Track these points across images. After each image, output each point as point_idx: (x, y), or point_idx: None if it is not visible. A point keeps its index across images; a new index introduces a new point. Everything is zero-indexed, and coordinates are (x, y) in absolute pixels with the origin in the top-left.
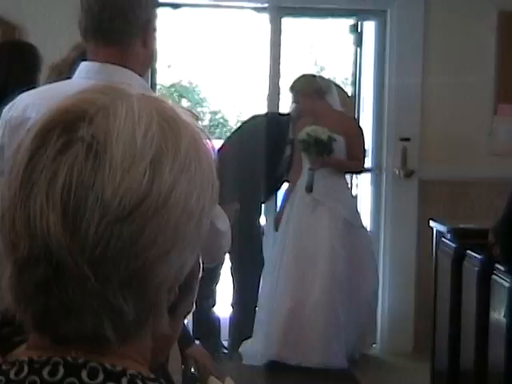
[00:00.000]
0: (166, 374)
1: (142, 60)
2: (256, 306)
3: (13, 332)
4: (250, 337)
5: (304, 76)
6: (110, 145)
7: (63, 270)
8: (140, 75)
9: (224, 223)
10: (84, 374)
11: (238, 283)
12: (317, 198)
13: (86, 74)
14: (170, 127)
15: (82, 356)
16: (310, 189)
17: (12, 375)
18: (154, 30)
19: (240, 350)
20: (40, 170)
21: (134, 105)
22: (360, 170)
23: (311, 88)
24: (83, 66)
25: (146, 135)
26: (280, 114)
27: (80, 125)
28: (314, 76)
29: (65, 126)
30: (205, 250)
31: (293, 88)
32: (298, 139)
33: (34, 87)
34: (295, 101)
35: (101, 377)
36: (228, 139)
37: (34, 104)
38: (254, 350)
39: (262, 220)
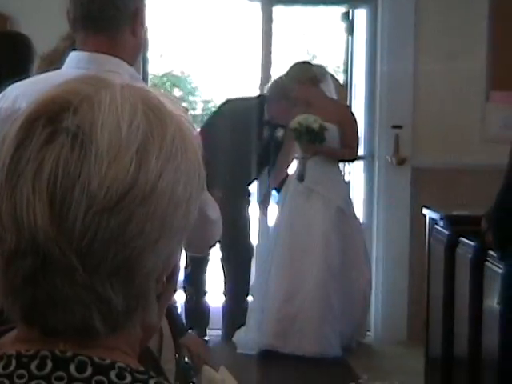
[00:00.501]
0: (158, 366)
1: (132, 49)
2: (247, 295)
3: None
4: (242, 325)
5: (299, 63)
6: (95, 135)
7: (51, 261)
8: (130, 64)
9: (214, 211)
10: (72, 368)
11: (229, 272)
12: (310, 187)
13: (76, 64)
14: (155, 116)
15: (70, 349)
16: (301, 177)
17: (0, 369)
18: (143, 18)
19: (233, 339)
20: (26, 161)
21: (117, 94)
22: (353, 158)
23: (306, 76)
24: (73, 55)
25: (131, 124)
26: (254, 97)
27: (65, 115)
28: (309, 64)
29: (50, 117)
30: (196, 239)
31: (287, 75)
32: (290, 128)
33: (28, 77)
34: (287, 87)
35: (89, 370)
36: (204, 125)
37: (23, 95)
38: (248, 339)
39: (255, 208)
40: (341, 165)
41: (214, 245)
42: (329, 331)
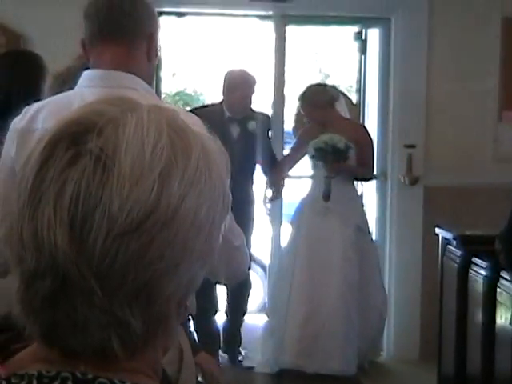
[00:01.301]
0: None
1: (146, 72)
2: (245, 314)
3: (11, 339)
4: (238, 344)
5: (314, 86)
6: (119, 157)
7: (70, 283)
8: (144, 80)
9: (238, 238)
10: None
11: (228, 290)
12: (327, 206)
13: (89, 82)
14: (179, 138)
15: (91, 371)
16: (327, 197)
17: None
18: (157, 45)
19: (245, 358)
20: (48, 182)
21: (144, 116)
22: (370, 177)
23: (322, 98)
24: (86, 74)
25: (155, 148)
26: (217, 103)
27: (89, 137)
28: (324, 86)
29: (73, 138)
30: (221, 267)
31: (303, 98)
32: (314, 147)
33: (38, 97)
34: (304, 110)
35: None
36: None
37: (40, 114)
38: (265, 359)
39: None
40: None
41: (245, 272)
42: (350, 349)
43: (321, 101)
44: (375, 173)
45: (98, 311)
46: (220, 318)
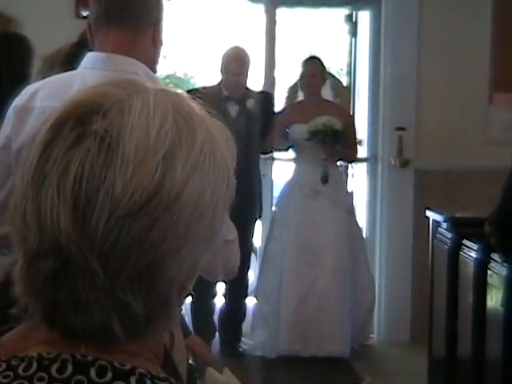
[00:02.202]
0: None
1: (151, 57)
2: (246, 296)
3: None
4: (239, 328)
5: (316, 58)
6: (123, 139)
7: (72, 263)
8: (148, 66)
9: (231, 232)
10: (93, 372)
11: None
12: (317, 189)
13: (92, 64)
14: (185, 122)
15: (91, 353)
16: (325, 180)
17: (21, 371)
18: (162, 31)
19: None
20: (52, 163)
21: (150, 99)
22: (354, 158)
23: (324, 72)
24: (89, 56)
25: (159, 130)
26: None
27: (94, 118)
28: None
29: (78, 119)
30: (220, 263)
31: (315, 59)
32: (311, 130)
33: (26, 80)
34: (313, 70)
35: (109, 375)
36: None
37: (39, 93)
38: (258, 343)
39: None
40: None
41: (237, 268)
42: (344, 331)
43: (323, 72)
44: (365, 155)
45: (100, 292)
46: (218, 302)
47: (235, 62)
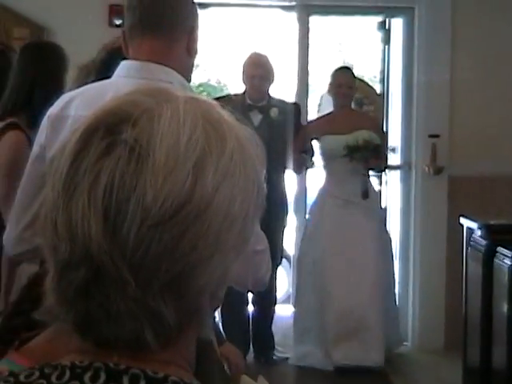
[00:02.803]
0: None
1: (186, 66)
2: (275, 303)
3: (23, 324)
4: (270, 335)
5: (347, 68)
6: (153, 148)
7: (103, 273)
8: (182, 75)
9: (262, 242)
10: (126, 380)
11: None
12: (349, 199)
13: (126, 73)
14: (214, 130)
15: (124, 361)
16: (366, 195)
17: (54, 379)
18: (197, 39)
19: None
20: (83, 172)
21: (179, 108)
22: (384, 168)
23: (354, 81)
24: (123, 64)
25: (190, 139)
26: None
27: (124, 127)
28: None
29: (108, 128)
30: (250, 273)
31: (348, 69)
32: (351, 145)
33: (61, 89)
34: (347, 79)
35: (142, 383)
36: None
37: (74, 102)
38: (300, 352)
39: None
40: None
41: (267, 279)
42: (384, 341)
43: (354, 83)
44: (399, 163)
45: (132, 301)
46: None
47: (254, 66)
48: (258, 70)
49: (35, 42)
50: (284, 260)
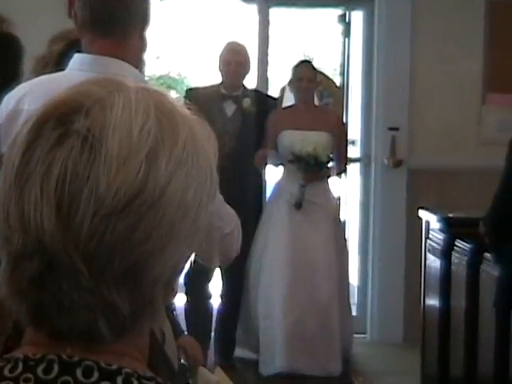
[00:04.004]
0: (166, 358)
1: (139, 51)
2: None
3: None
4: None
5: (308, 61)
6: (106, 138)
7: (57, 264)
8: (136, 66)
9: (230, 224)
10: (79, 373)
11: (226, 273)
12: (306, 198)
13: (79, 66)
14: (167, 120)
15: (77, 353)
16: (299, 206)
17: (6, 372)
18: (150, 21)
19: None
20: (35, 163)
21: (131, 98)
22: (342, 171)
23: (315, 75)
24: (76, 57)
25: (142, 128)
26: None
27: (76, 117)
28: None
29: (60, 119)
30: (217, 253)
31: (308, 63)
32: (295, 154)
33: (17, 78)
34: (307, 74)
35: (95, 375)
36: None
37: (27, 96)
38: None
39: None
40: None
41: (234, 255)
42: (338, 347)
43: (315, 77)
44: (358, 155)
45: (85, 292)
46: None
47: (231, 52)
48: (235, 57)
49: None
50: None
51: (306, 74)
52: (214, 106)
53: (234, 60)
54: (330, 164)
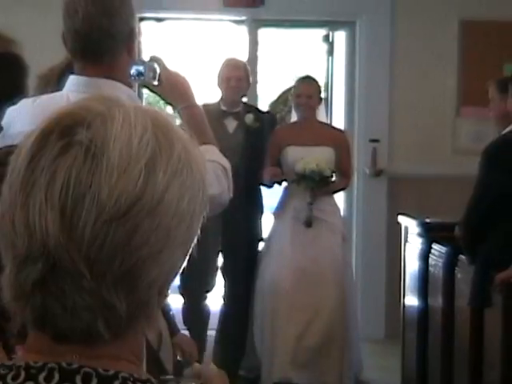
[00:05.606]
0: (160, 364)
1: (128, 65)
2: (249, 300)
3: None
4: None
5: (312, 78)
6: (107, 148)
7: (60, 267)
8: (128, 84)
9: (217, 185)
10: (78, 379)
11: (230, 277)
12: (313, 214)
13: (75, 88)
14: (163, 134)
15: (76, 359)
16: (309, 224)
17: (9, 380)
18: (136, 35)
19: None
20: (40, 171)
21: (130, 112)
22: (347, 186)
23: (319, 92)
24: (72, 79)
25: (141, 140)
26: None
27: (78, 129)
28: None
29: (64, 131)
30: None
31: (310, 78)
32: (298, 173)
33: (22, 94)
34: (308, 90)
35: (94, 382)
36: None
37: (23, 117)
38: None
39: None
40: None
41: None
42: (346, 362)
43: (319, 93)
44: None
45: (86, 294)
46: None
47: (231, 68)
48: (235, 72)
49: None
50: None
51: (304, 90)
52: (215, 123)
53: (233, 75)
54: (334, 178)
